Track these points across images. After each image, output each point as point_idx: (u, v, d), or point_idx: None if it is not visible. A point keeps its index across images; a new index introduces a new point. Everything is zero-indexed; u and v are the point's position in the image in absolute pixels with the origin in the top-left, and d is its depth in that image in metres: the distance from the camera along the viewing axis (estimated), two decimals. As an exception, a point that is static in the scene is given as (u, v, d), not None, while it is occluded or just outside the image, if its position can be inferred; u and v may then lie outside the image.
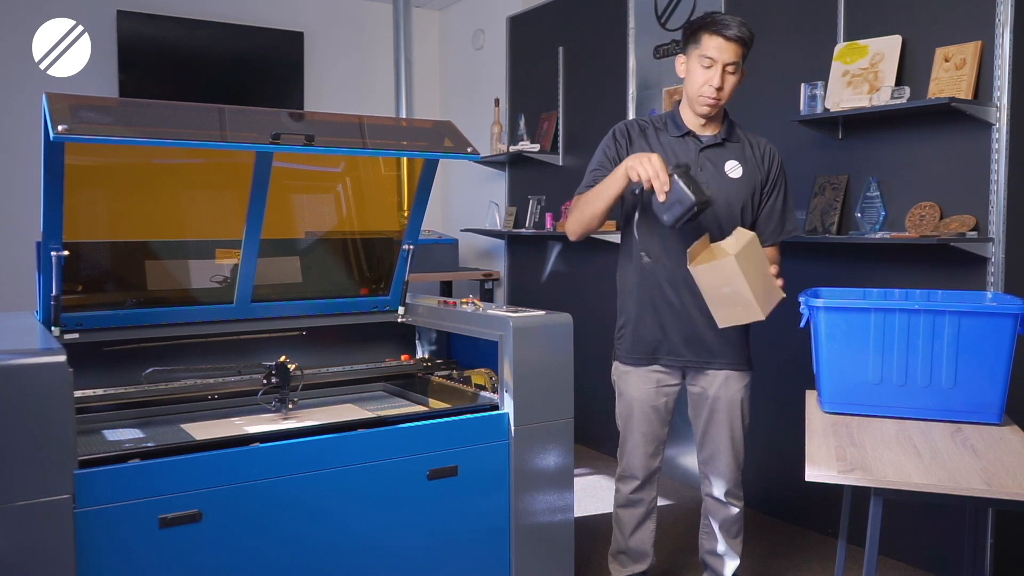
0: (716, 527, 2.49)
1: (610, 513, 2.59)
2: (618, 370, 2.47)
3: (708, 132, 2.35)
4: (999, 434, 1.92)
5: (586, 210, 2.27)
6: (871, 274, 2.97)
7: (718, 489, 2.45)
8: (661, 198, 2.03)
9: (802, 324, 2.17)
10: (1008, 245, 2.63)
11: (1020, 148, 2.62)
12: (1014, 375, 1.99)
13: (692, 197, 2.00)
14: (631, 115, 4.05)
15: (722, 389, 2.38)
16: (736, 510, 2.47)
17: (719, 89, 2.24)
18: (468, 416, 2.25)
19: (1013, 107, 2.60)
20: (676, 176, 2.02)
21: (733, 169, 2.33)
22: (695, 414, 2.46)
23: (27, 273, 2.86)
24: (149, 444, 1.96)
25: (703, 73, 2.24)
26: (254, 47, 5.25)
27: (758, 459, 2.65)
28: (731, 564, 2.51)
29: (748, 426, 2.44)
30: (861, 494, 1.78)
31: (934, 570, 2.86)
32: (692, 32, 2.28)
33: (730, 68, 2.23)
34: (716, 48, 2.22)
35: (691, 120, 2.36)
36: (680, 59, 2.34)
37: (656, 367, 2.40)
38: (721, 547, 2.49)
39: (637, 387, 2.42)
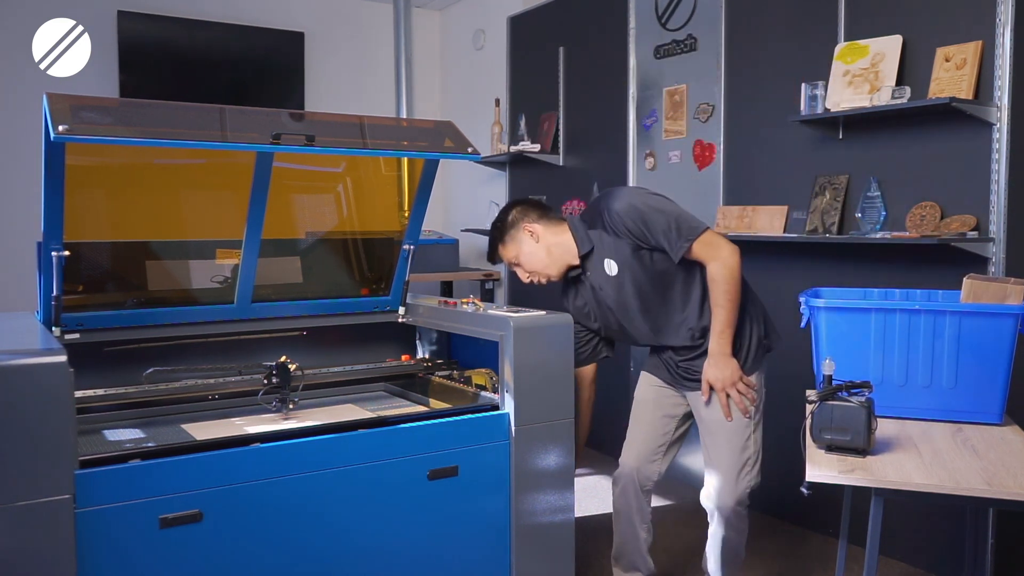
0: (709, 540, 2.41)
1: (611, 513, 2.59)
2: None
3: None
4: (1000, 434, 1.92)
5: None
6: (872, 274, 2.97)
7: (706, 503, 2.37)
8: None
9: (803, 324, 2.17)
10: (1008, 245, 2.63)
11: (1021, 148, 2.62)
12: (1014, 375, 2.00)
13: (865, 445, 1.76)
14: (631, 115, 4.05)
15: (704, 410, 2.32)
16: (720, 531, 2.32)
17: (528, 275, 2.49)
18: (469, 416, 2.24)
19: (1014, 107, 2.60)
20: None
21: (610, 267, 2.31)
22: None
23: (27, 273, 2.86)
24: (149, 444, 1.96)
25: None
26: (254, 47, 5.25)
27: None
28: None
29: (752, 435, 2.29)
30: (862, 494, 1.78)
31: (934, 570, 2.86)
32: None
33: (513, 262, 2.50)
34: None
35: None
36: None
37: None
38: (711, 565, 2.41)
39: (642, 386, 2.51)
